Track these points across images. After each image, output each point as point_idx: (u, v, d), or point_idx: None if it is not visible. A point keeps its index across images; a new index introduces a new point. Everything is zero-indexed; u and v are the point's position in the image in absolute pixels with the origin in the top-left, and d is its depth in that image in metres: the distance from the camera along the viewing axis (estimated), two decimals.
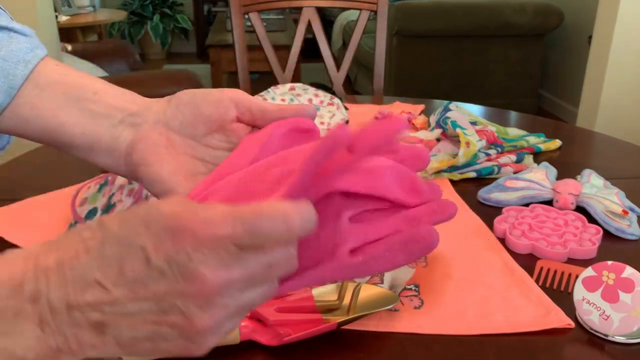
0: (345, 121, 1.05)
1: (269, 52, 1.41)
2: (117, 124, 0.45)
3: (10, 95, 0.46)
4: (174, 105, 0.45)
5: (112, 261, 0.30)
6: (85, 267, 0.30)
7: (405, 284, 0.58)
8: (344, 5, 1.42)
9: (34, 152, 0.93)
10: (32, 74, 0.46)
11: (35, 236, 0.67)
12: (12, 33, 0.47)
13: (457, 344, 0.51)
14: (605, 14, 2.25)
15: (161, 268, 0.29)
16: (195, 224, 0.29)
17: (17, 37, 0.47)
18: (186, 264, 0.29)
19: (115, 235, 0.30)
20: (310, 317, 0.52)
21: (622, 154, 0.96)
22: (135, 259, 0.30)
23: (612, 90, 2.29)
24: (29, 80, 0.46)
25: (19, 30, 0.48)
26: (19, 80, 0.46)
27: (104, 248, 0.30)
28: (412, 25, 2.88)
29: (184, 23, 5.01)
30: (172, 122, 0.44)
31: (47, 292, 0.30)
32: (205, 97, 0.44)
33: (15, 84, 0.45)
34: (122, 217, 0.31)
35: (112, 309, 0.30)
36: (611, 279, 0.51)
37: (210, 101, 0.44)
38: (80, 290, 0.30)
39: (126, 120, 0.45)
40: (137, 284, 0.30)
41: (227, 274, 0.29)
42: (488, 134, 0.89)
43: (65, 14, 3.78)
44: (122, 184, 0.78)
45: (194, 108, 0.44)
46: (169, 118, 0.44)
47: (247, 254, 0.30)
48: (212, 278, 0.29)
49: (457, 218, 0.72)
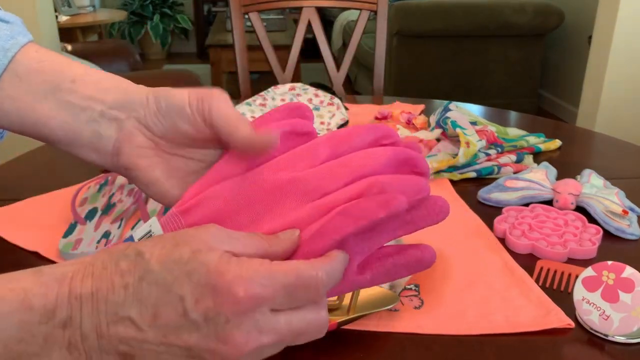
0: (345, 121, 1.05)
1: (269, 52, 1.41)
2: (97, 117, 0.43)
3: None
4: (152, 112, 0.42)
5: (148, 303, 0.30)
6: (120, 303, 0.30)
7: (405, 284, 0.58)
8: (344, 5, 1.42)
9: (34, 152, 0.93)
10: (11, 63, 0.44)
11: (35, 236, 0.67)
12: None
13: (457, 344, 0.51)
14: (605, 14, 2.25)
15: (197, 322, 0.30)
16: (237, 286, 0.29)
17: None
18: (223, 325, 0.30)
19: (155, 277, 0.30)
20: None
21: (622, 154, 0.96)
22: (172, 307, 0.30)
23: (612, 90, 2.29)
24: (8, 70, 0.44)
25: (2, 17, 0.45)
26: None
27: (141, 287, 0.30)
28: (412, 25, 2.88)
29: (184, 23, 5.01)
30: (153, 128, 0.43)
31: (79, 319, 0.30)
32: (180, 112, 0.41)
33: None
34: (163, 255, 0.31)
35: (141, 345, 0.31)
36: (611, 279, 0.51)
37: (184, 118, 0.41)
38: (113, 323, 0.30)
39: (106, 113, 0.43)
40: (170, 330, 0.30)
41: (259, 340, 0.30)
42: (488, 134, 0.89)
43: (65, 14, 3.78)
44: (122, 183, 0.78)
45: (172, 123, 0.42)
46: (150, 124, 0.42)
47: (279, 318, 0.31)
48: (244, 343, 0.30)
49: (457, 218, 0.73)
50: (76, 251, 0.63)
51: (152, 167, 0.42)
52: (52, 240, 0.66)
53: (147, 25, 4.88)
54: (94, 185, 0.78)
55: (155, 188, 0.42)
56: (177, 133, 0.42)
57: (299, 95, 1.10)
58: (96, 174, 0.83)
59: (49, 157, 0.92)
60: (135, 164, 0.42)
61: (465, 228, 0.70)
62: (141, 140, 0.42)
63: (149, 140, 0.43)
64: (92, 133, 0.43)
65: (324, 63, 1.44)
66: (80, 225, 0.68)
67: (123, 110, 0.43)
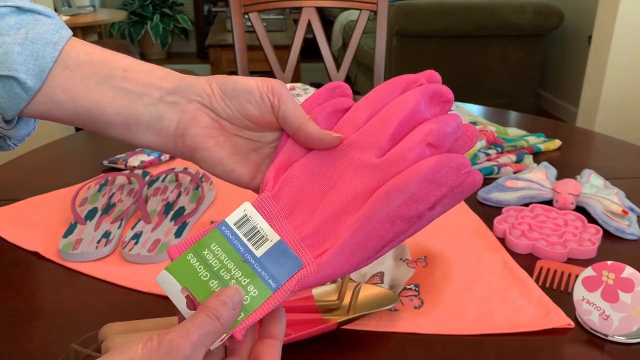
0: None
1: (269, 52, 1.41)
2: (156, 102, 0.45)
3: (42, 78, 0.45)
4: (218, 96, 0.45)
5: None
6: None
7: (405, 284, 0.58)
8: (344, 5, 1.42)
9: (34, 152, 0.93)
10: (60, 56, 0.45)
11: (35, 236, 0.67)
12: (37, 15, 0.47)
13: (457, 344, 0.51)
14: (605, 14, 2.25)
15: None
16: None
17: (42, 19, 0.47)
18: None
19: None
20: (310, 317, 0.52)
21: (622, 154, 0.96)
22: None
23: (612, 90, 2.29)
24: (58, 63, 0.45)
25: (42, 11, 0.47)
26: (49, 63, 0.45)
27: None
28: (412, 25, 2.89)
29: (184, 23, 5.01)
30: (220, 112, 0.45)
31: None
32: (249, 97, 0.44)
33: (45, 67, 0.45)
34: None
35: None
36: (611, 279, 0.51)
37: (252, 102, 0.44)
38: None
39: (165, 98, 0.45)
40: None
41: None
42: (488, 134, 0.89)
43: (65, 14, 3.78)
44: (122, 184, 0.78)
45: (240, 106, 0.44)
46: (216, 108, 0.45)
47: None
48: None
49: (457, 218, 0.73)
50: (76, 251, 0.63)
51: (220, 146, 0.44)
52: (52, 240, 0.66)
53: (147, 25, 4.88)
54: (94, 185, 0.78)
55: (222, 167, 0.45)
56: (244, 115, 0.44)
57: (299, 96, 1.10)
58: (96, 174, 0.83)
59: (49, 157, 0.92)
60: (203, 144, 0.44)
61: (465, 228, 0.70)
62: (207, 121, 0.45)
63: (214, 122, 0.45)
64: (152, 116, 0.45)
65: (324, 63, 1.44)
66: (80, 225, 0.68)
67: (182, 96, 0.45)
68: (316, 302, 0.53)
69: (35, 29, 0.45)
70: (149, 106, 0.45)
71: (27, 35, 0.45)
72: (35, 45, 0.45)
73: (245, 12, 1.38)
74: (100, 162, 0.88)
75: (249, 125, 0.45)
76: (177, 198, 0.74)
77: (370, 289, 0.55)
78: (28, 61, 0.45)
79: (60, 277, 0.61)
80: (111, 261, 0.63)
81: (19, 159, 0.91)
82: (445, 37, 2.95)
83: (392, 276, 0.59)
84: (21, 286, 0.59)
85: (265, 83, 0.44)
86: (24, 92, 0.45)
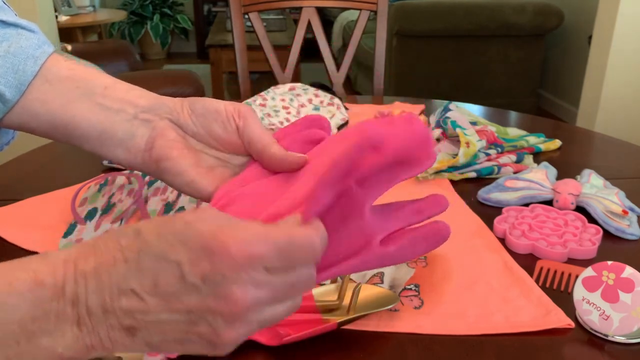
0: (345, 121, 1.05)
1: (269, 52, 1.41)
2: (131, 119, 0.47)
3: (20, 91, 0.46)
4: (185, 112, 0.46)
5: (148, 273, 0.31)
6: (122, 276, 0.32)
7: (405, 284, 0.58)
8: (344, 5, 1.42)
9: (34, 152, 0.93)
10: (41, 70, 0.47)
11: (35, 236, 0.67)
12: (20, 29, 0.48)
13: (457, 344, 0.51)
14: (605, 14, 2.25)
15: (195, 284, 0.31)
16: (232, 246, 0.30)
17: (25, 33, 0.48)
18: (220, 283, 0.31)
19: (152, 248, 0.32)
20: (310, 317, 0.52)
21: (622, 154, 0.96)
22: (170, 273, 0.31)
23: (612, 90, 2.29)
24: (38, 76, 0.47)
25: (26, 26, 0.48)
26: (29, 76, 0.46)
27: (140, 259, 0.32)
28: (412, 25, 2.88)
29: (184, 23, 5.01)
30: (186, 128, 0.46)
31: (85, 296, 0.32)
32: (216, 116, 0.46)
33: (25, 80, 0.46)
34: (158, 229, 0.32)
35: (144, 316, 0.32)
36: (611, 279, 0.51)
37: (218, 122, 0.45)
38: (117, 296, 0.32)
39: (139, 115, 0.47)
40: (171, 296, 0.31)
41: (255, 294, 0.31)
42: (488, 134, 0.89)
43: (65, 14, 3.78)
44: (122, 184, 0.78)
45: (206, 124, 0.46)
46: (182, 124, 0.46)
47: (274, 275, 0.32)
48: (242, 298, 0.31)
49: (457, 218, 0.73)
50: None
51: (182, 158, 0.45)
52: (52, 240, 0.66)
53: (147, 25, 4.88)
54: (94, 186, 0.78)
55: (183, 178, 0.45)
56: (209, 134, 0.46)
57: (299, 96, 1.10)
58: (96, 174, 0.83)
59: (49, 157, 0.92)
60: (167, 154, 0.45)
61: (465, 228, 0.70)
62: (174, 135, 0.46)
63: (180, 136, 0.46)
64: (125, 133, 0.47)
65: (324, 63, 1.44)
66: (80, 225, 0.68)
67: (155, 114, 0.47)
68: (316, 302, 0.53)
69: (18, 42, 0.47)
70: (123, 122, 0.46)
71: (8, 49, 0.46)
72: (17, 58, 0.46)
73: (245, 12, 1.38)
74: (100, 162, 0.88)
75: (214, 144, 0.46)
76: (177, 198, 0.74)
77: (370, 289, 0.55)
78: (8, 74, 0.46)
79: None
80: None
81: (19, 159, 0.91)
82: (445, 37, 2.95)
83: (392, 276, 0.59)
84: None
85: (233, 106, 0.46)
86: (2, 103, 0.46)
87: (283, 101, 1.08)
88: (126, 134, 0.46)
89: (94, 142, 0.47)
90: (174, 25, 4.99)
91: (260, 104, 1.05)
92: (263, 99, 1.07)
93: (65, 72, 0.48)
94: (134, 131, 0.47)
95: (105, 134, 0.47)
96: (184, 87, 2.05)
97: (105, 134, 0.47)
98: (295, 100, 1.09)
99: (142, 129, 0.47)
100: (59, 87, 0.47)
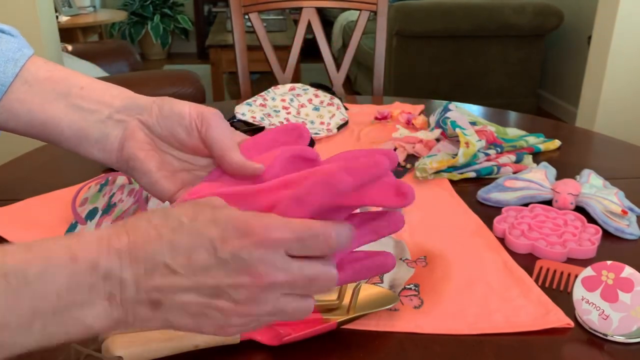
0: (345, 121, 1.05)
1: (269, 52, 1.42)
2: (105, 119, 0.48)
3: (1, 92, 0.48)
4: (154, 114, 0.48)
5: (181, 249, 0.34)
6: (157, 251, 0.34)
7: (405, 284, 0.58)
8: (344, 5, 1.42)
9: (34, 152, 0.93)
10: (20, 72, 0.49)
11: (35, 236, 0.67)
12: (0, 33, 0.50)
13: (457, 344, 0.51)
14: (605, 14, 2.25)
15: (225, 259, 0.34)
16: (258, 227, 0.34)
17: (6, 37, 0.50)
18: (247, 259, 0.34)
19: (185, 227, 0.35)
20: (310, 316, 0.52)
21: (621, 154, 0.96)
22: (204, 249, 0.34)
23: (611, 90, 2.29)
24: (18, 78, 0.49)
25: (6, 30, 0.51)
26: (9, 78, 0.48)
27: (174, 236, 0.34)
28: (412, 26, 2.88)
29: (184, 23, 5.01)
30: (153, 129, 0.48)
31: (119, 271, 0.34)
32: (180, 120, 0.47)
33: (5, 82, 0.48)
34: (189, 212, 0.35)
35: (172, 292, 0.34)
36: (610, 278, 0.51)
37: (182, 126, 0.47)
38: (150, 272, 0.34)
39: (113, 116, 0.48)
40: (202, 270, 0.34)
41: (276, 274, 0.34)
42: (487, 134, 0.89)
43: (65, 15, 3.78)
44: (122, 183, 0.78)
45: (170, 126, 0.47)
46: (150, 125, 0.48)
47: (293, 262, 0.35)
48: (265, 274, 0.34)
49: (456, 218, 0.73)
50: None
51: (149, 159, 0.47)
52: None
53: (148, 25, 4.88)
54: (95, 185, 0.78)
55: (147, 178, 0.47)
56: (173, 136, 0.47)
57: (299, 96, 1.10)
58: (97, 174, 0.83)
59: (49, 157, 0.93)
60: (135, 155, 0.47)
61: (465, 228, 0.70)
62: (142, 137, 0.48)
63: (148, 138, 0.48)
64: (100, 133, 0.48)
65: (324, 63, 1.44)
66: (81, 225, 0.68)
67: (128, 114, 0.48)
68: (316, 302, 0.53)
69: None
70: (98, 123, 0.48)
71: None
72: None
73: (245, 13, 1.38)
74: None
75: (177, 146, 0.48)
76: None
77: (370, 289, 0.55)
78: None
79: None
80: None
81: (19, 159, 0.91)
82: (445, 37, 2.95)
83: (392, 276, 0.59)
84: None
85: (196, 110, 0.47)
86: None
87: (283, 101, 1.08)
88: (101, 134, 0.48)
89: (70, 141, 0.49)
90: (174, 25, 4.99)
91: (261, 104, 1.05)
92: (263, 99, 1.07)
93: (43, 73, 0.50)
94: (109, 132, 0.48)
95: (81, 133, 0.48)
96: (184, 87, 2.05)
97: (81, 134, 0.48)
98: (295, 100, 1.09)
99: (116, 130, 0.48)
100: (37, 88, 0.49)
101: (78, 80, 0.50)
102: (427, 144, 0.91)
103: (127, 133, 0.48)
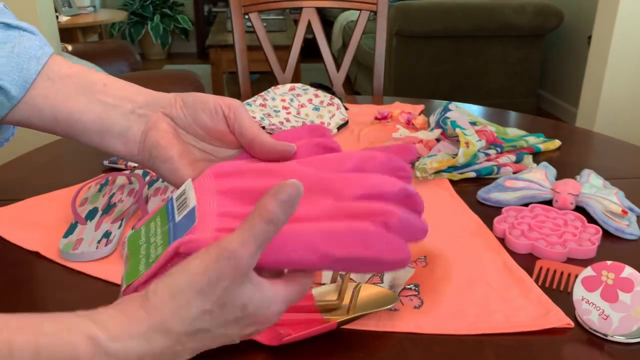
0: (345, 121, 1.05)
1: (269, 52, 1.42)
2: (127, 113, 0.50)
3: (25, 88, 0.50)
4: (178, 105, 0.50)
5: None
6: None
7: (405, 284, 0.58)
8: (344, 5, 1.42)
9: (34, 152, 0.93)
10: (43, 69, 0.51)
11: (35, 236, 0.67)
12: (23, 32, 0.51)
13: (457, 344, 0.51)
14: (605, 14, 2.25)
15: None
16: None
17: (28, 35, 0.52)
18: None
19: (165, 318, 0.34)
20: (310, 316, 0.52)
21: (621, 154, 0.96)
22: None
23: (611, 90, 2.29)
24: (41, 75, 0.50)
25: (27, 28, 0.52)
26: (32, 75, 0.50)
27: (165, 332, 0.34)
28: (412, 26, 2.89)
29: (185, 23, 5.01)
30: (177, 119, 0.50)
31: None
32: (204, 106, 0.49)
33: (29, 78, 0.50)
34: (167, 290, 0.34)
35: None
36: (610, 278, 0.51)
37: (206, 111, 0.49)
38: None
39: (136, 111, 0.50)
40: None
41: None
42: (487, 134, 0.89)
43: (65, 15, 3.78)
44: (122, 184, 0.78)
45: (194, 114, 0.49)
46: (174, 116, 0.50)
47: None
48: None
49: (456, 218, 0.73)
50: (77, 251, 0.63)
51: (171, 146, 0.49)
52: (52, 240, 0.66)
53: (148, 25, 4.88)
54: (95, 185, 0.78)
55: (168, 164, 0.48)
56: (196, 123, 0.49)
57: (299, 96, 1.10)
58: (97, 174, 0.83)
59: (49, 157, 0.93)
60: (157, 142, 0.49)
61: (465, 228, 0.70)
62: (165, 126, 0.49)
63: (170, 127, 0.50)
64: (123, 126, 0.50)
65: (324, 63, 1.44)
66: (81, 225, 0.68)
67: (151, 109, 0.50)
68: (316, 301, 0.53)
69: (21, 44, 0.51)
70: (121, 116, 0.50)
71: (13, 50, 0.50)
72: (20, 58, 0.50)
73: (245, 13, 1.38)
74: (100, 162, 0.88)
75: (200, 133, 0.50)
76: None
77: (370, 289, 0.55)
78: (13, 72, 0.49)
79: (60, 277, 0.61)
80: (111, 261, 0.63)
81: (19, 159, 0.91)
82: (445, 37, 2.95)
83: (392, 276, 0.59)
84: (21, 286, 0.59)
85: (223, 99, 0.49)
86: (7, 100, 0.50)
87: (283, 101, 1.08)
88: (123, 127, 0.50)
89: (93, 135, 0.50)
90: (174, 25, 4.99)
91: (261, 104, 1.05)
92: (263, 99, 1.07)
93: (65, 70, 0.51)
94: (131, 125, 0.50)
95: (104, 127, 0.50)
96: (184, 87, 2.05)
97: (103, 128, 0.50)
98: (295, 100, 1.09)
99: (139, 123, 0.50)
100: (60, 84, 0.50)
101: (100, 77, 0.52)
102: (427, 144, 0.91)
103: (150, 125, 0.50)
